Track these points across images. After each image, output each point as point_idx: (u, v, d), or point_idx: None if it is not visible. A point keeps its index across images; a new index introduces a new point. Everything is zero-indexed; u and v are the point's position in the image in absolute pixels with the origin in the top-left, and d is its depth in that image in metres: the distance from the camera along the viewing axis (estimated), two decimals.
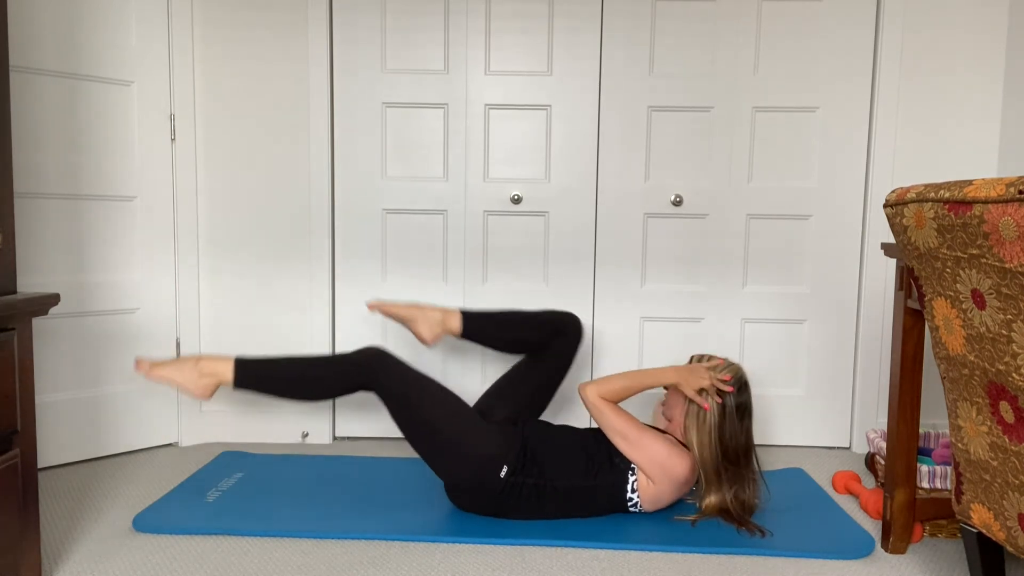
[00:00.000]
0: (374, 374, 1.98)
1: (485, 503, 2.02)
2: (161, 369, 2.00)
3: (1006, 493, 1.36)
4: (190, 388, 2.00)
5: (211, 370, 2.00)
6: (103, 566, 1.77)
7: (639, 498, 2.02)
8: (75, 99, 2.41)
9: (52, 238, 2.40)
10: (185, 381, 1.99)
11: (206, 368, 2.00)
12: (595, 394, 2.03)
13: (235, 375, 1.99)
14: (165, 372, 1.99)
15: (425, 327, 2.25)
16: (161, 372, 1.99)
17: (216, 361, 2.01)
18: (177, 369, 2.00)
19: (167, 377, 1.99)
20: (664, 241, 2.72)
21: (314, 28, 2.62)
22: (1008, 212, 1.16)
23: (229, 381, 2.00)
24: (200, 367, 2.00)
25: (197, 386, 2.00)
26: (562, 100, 2.68)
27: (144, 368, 1.99)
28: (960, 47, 2.62)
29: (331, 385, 2.01)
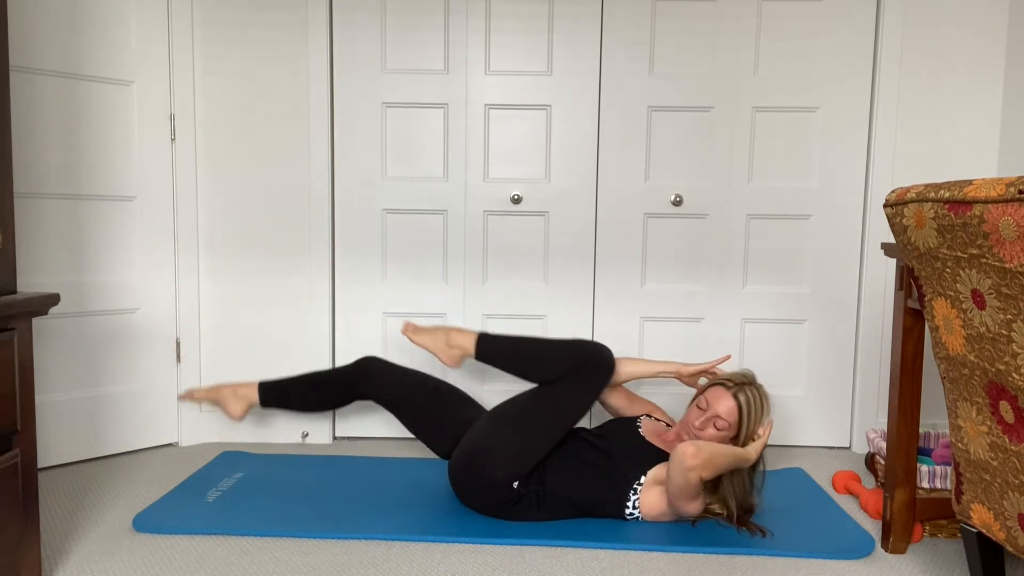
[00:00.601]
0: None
1: (490, 506, 2.03)
2: (421, 335, 2.25)
3: (1006, 493, 1.36)
4: (440, 355, 2.23)
5: (457, 342, 2.22)
6: (103, 566, 1.77)
7: (640, 513, 2.02)
8: (75, 99, 2.41)
9: (52, 238, 2.40)
10: (436, 347, 2.24)
11: (454, 339, 2.22)
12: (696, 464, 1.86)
13: (476, 346, 2.21)
14: (422, 339, 2.25)
15: (443, 352, 2.25)
16: (421, 338, 2.25)
17: (463, 335, 2.23)
18: (432, 337, 2.24)
19: (423, 343, 2.25)
20: (664, 241, 2.72)
21: (314, 28, 2.62)
22: (1008, 212, 1.16)
23: (472, 353, 2.21)
24: (449, 338, 2.23)
25: (447, 355, 2.23)
26: (562, 100, 2.68)
27: (409, 331, 2.25)
28: (960, 47, 2.62)
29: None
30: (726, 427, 2.03)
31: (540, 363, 2.12)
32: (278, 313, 2.73)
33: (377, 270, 2.75)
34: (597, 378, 2.11)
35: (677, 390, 2.75)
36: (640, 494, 2.00)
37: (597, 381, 2.11)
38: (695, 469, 1.85)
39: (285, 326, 2.74)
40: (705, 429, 2.04)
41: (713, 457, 1.88)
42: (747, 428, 2.03)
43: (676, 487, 1.90)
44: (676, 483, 1.89)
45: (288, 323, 2.73)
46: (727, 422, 2.02)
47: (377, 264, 2.74)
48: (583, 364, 2.10)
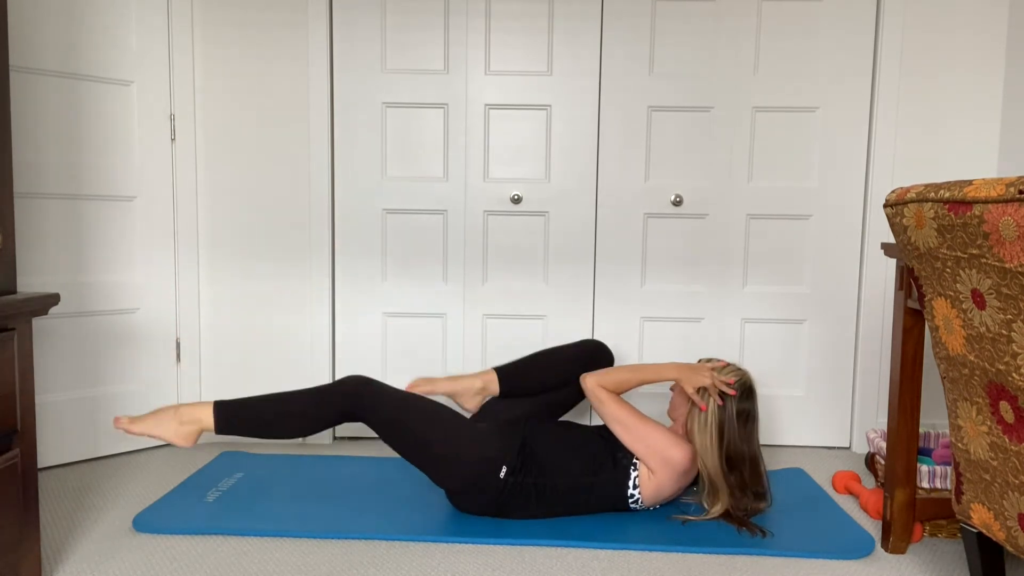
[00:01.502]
0: (357, 402, 1.95)
1: (486, 504, 2.02)
2: (140, 424, 1.94)
3: (1006, 493, 1.36)
4: (172, 439, 1.95)
5: (191, 417, 1.95)
6: (103, 566, 1.77)
7: (640, 494, 2.02)
8: (75, 99, 2.41)
9: (52, 238, 2.40)
10: (165, 432, 1.94)
11: (186, 416, 1.95)
12: (595, 383, 2.06)
13: (216, 420, 1.95)
14: (144, 427, 1.94)
15: (467, 399, 2.28)
16: (141, 427, 1.94)
17: (195, 407, 1.96)
18: (156, 422, 1.95)
19: (147, 431, 1.94)
20: (664, 241, 2.72)
21: (314, 28, 2.62)
22: (1008, 212, 1.16)
23: (211, 427, 1.95)
24: (180, 415, 1.94)
25: (179, 435, 1.95)
26: (562, 100, 2.68)
27: (123, 424, 1.93)
28: (960, 47, 2.62)
29: (315, 419, 1.97)
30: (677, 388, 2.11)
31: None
32: (278, 313, 2.73)
33: (377, 270, 2.75)
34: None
35: None
36: (639, 472, 2.01)
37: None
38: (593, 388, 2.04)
39: (285, 326, 2.74)
40: (675, 406, 2.12)
41: (606, 373, 2.06)
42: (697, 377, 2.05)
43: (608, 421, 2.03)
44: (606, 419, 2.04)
45: (288, 323, 2.73)
46: (674, 392, 2.13)
47: (377, 264, 2.74)
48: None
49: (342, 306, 2.76)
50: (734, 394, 2.00)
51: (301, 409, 1.96)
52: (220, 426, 1.96)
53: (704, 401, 2.00)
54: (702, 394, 2.01)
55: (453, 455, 1.95)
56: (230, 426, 1.97)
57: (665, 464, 1.98)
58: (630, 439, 2.00)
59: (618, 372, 2.07)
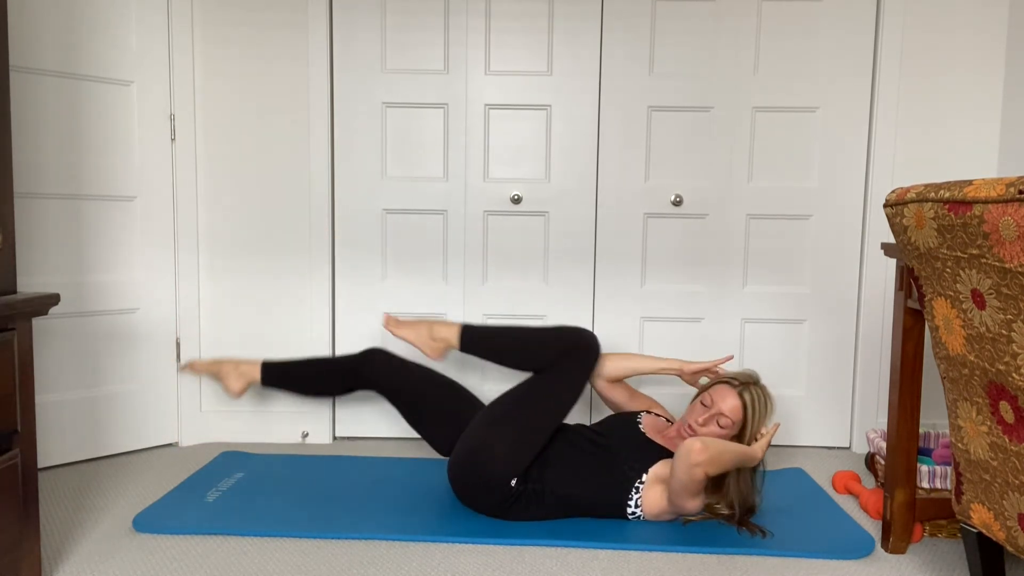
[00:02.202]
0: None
1: (490, 505, 2.03)
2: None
3: (1006, 493, 1.36)
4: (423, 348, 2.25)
5: (441, 335, 2.24)
6: (103, 566, 1.77)
7: (641, 512, 2.02)
8: (75, 99, 2.41)
9: (52, 238, 2.40)
10: (418, 339, 2.26)
11: (437, 332, 2.24)
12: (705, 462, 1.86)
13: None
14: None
15: (426, 345, 2.26)
16: (403, 331, 2.27)
17: (443, 326, 2.25)
18: (412, 329, 2.27)
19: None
20: (664, 241, 2.72)
21: (314, 28, 2.62)
22: (1008, 212, 1.16)
23: (456, 344, 2.23)
24: (433, 331, 2.25)
25: (431, 348, 2.25)
26: (562, 100, 2.68)
27: (391, 324, 2.27)
28: (960, 47, 2.62)
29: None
30: (729, 425, 2.03)
31: (525, 352, 2.15)
32: (278, 313, 2.73)
33: (377, 270, 2.75)
34: (584, 362, 2.13)
35: (678, 390, 2.75)
36: (642, 492, 2.00)
37: (585, 365, 2.13)
38: (701, 465, 1.85)
39: (285, 326, 2.74)
40: (707, 426, 2.04)
41: (720, 454, 1.87)
42: (751, 427, 2.03)
43: (680, 483, 1.90)
44: (680, 479, 1.89)
45: (288, 323, 2.73)
46: (730, 420, 2.02)
47: (377, 264, 2.75)
48: (569, 350, 2.12)
49: (342, 306, 2.76)
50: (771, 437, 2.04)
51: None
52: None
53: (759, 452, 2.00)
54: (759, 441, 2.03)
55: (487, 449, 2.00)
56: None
57: (675, 507, 2.00)
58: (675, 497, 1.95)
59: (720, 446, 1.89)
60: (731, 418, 2.02)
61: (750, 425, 2.03)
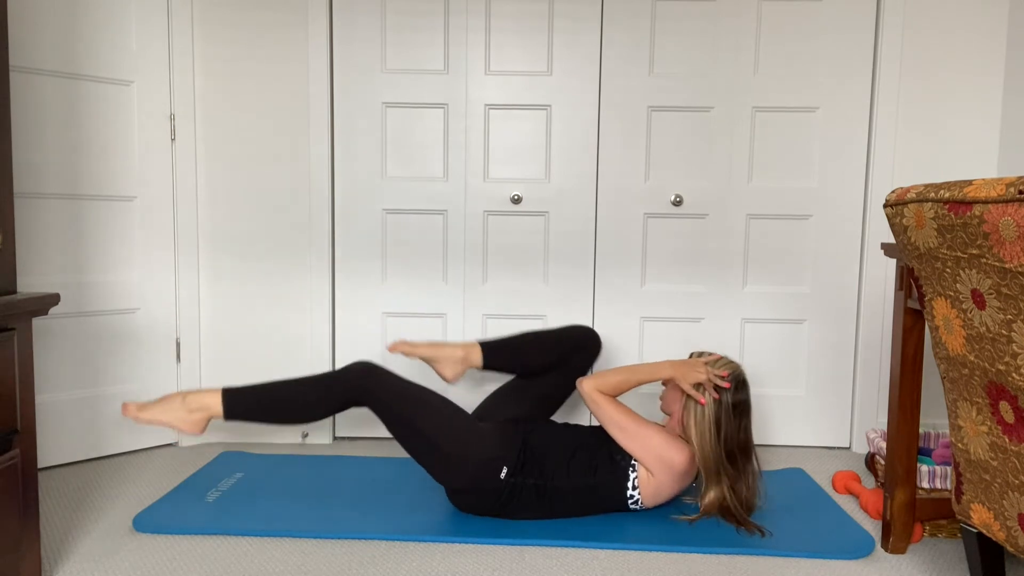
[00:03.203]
0: (365, 390, 1.96)
1: (486, 504, 2.02)
2: (148, 411, 1.96)
3: (1006, 493, 1.36)
4: (180, 426, 1.96)
5: (199, 404, 1.95)
6: (103, 566, 1.77)
7: (640, 495, 2.02)
8: (75, 99, 2.41)
9: (52, 238, 2.40)
10: (174, 419, 1.95)
11: (193, 403, 1.95)
12: (592, 387, 2.06)
13: (224, 406, 1.96)
14: (152, 414, 1.96)
15: (447, 366, 2.23)
16: (149, 414, 1.95)
17: (203, 394, 1.96)
18: (164, 409, 1.96)
19: (155, 419, 1.96)
20: (664, 241, 2.72)
21: (314, 28, 2.62)
22: (1008, 212, 1.16)
23: (219, 413, 1.96)
24: (187, 403, 1.95)
25: (187, 423, 1.96)
26: (562, 100, 2.68)
27: (131, 412, 1.95)
28: (960, 47, 2.62)
29: (323, 405, 1.98)
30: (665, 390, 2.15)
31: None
32: (278, 313, 2.73)
33: (377, 270, 2.75)
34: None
35: None
36: (638, 470, 2.01)
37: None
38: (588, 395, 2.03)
39: (285, 326, 2.74)
40: (669, 401, 2.13)
41: (602, 375, 2.05)
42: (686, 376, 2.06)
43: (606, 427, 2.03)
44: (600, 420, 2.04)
45: (288, 323, 2.73)
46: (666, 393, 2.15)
47: (377, 264, 2.74)
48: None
49: (342, 306, 2.76)
50: (728, 386, 2.00)
51: (308, 395, 1.97)
52: (228, 412, 1.96)
53: (701, 396, 2.00)
54: (699, 389, 2.01)
55: (455, 451, 1.95)
56: (237, 412, 1.97)
57: (664, 465, 1.99)
58: (628, 442, 2.00)
59: (614, 374, 2.07)
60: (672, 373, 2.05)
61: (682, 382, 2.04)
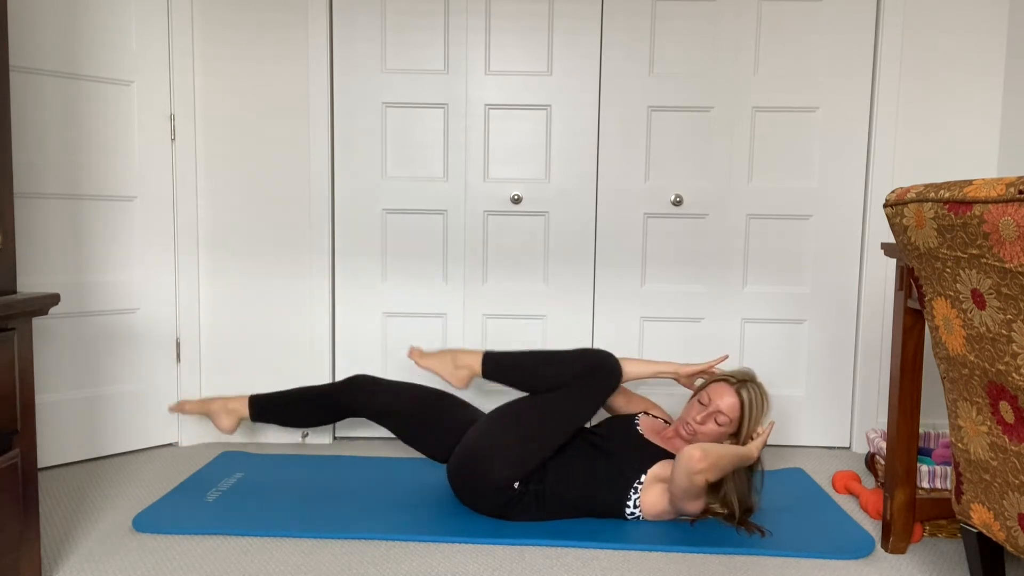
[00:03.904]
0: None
1: (491, 506, 2.03)
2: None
3: (1006, 493, 1.36)
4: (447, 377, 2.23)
5: (465, 362, 2.21)
6: (103, 566, 1.77)
7: (641, 512, 2.02)
8: (75, 99, 2.41)
9: (52, 238, 2.40)
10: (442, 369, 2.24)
11: (461, 359, 2.22)
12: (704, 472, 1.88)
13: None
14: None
15: (450, 374, 2.23)
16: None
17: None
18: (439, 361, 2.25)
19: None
20: (664, 241, 2.72)
21: (314, 28, 2.62)
22: (1008, 212, 1.16)
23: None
24: (456, 359, 2.23)
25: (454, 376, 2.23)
26: (562, 100, 2.68)
27: (415, 355, 2.26)
28: (960, 47, 2.62)
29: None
30: (727, 423, 2.03)
31: (548, 376, 2.10)
32: (278, 313, 2.73)
33: (377, 270, 2.75)
34: (604, 385, 2.10)
35: (676, 390, 2.74)
36: (641, 493, 2.00)
37: (604, 387, 2.10)
38: (702, 473, 1.86)
39: (285, 326, 2.74)
40: (706, 424, 2.04)
41: (719, 459, 1.88)
42: (748, 425, 2.03)
43: (681, 489, 1.91)
44: (681, 485, 1.90)
45: (288, 323, 2.73)
46: (728, 418, 2.03)
47: (377, 264, 2.74)
48: (590, 372, 2.09)
49: (342, 306, 2.76)
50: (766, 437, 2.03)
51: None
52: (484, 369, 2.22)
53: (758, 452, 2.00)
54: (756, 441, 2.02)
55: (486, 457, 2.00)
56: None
57: (676, 509, 2.01)
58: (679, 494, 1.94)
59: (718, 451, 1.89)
60: (729, 416, 2.03)
61: (747, 422, 2.03)
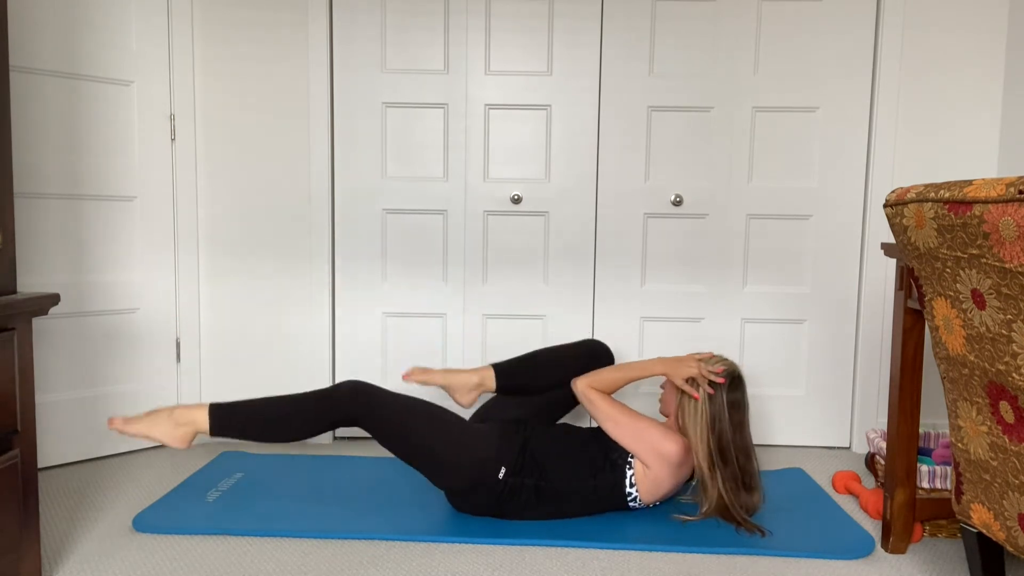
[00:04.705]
0: (353, 408, 1.93)
1: (486, 504, 2.02)
2: (135, 425, 1.92)
3: (1006, 493, 1.36)
4: (167, 440, 1.93)
5: (186, 419, 1.93)
6: (103, 566, 1.77)
7: (638, 492, 2.02)
8: (75, 99, 2.41)
9: (52, 238, 2.40)
10: (161, 434, 1.92)
11: (181, 417, 1.93)
12: (585, 385, 2.09)
13: (210, 422, 1.94)
14: (140, 427, 1.92)
15: (462, 394, 2.22)
16: (136, 428, 1.92)
17: (190, 409, 1.94)
18: (151, 423, 1.93)
19: (142, 432, 1.92)
20: (664, 241, 2.72)
21: (314, 28, 2.62)
22: (1008, 212, 1.16)
23: (205, 429, 1.94)
24: (175, 417, 1.93)
25: (174, 437, 1.93)
26: (562, 100, 2.68)
27: (117, 425, 1.91)
28: (960, 47, 2.62)
29: (309, 424, 1.94)
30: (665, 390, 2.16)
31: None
32: (278, 313, 2.73)
33: (377, 270, 2.75)
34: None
35: None
36: (634, 468, 2.02)
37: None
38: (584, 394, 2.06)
39: (285, 325, 2.73)
40: (666, 401, 2.14)
41: (598, 373, 2.09)
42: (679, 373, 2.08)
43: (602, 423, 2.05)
44: (597, 417, 2.06)
45: (288, 322, 2.73)
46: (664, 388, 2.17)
47: (377, 264, 2.74)
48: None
49: (342, 306, 2.76)
50: (723, 382, 2.00)
51: (296, 414, 1.94)
52: (214, 429, 1.94)
53: (695, 391, 2.00)
54: (692, 384, 2.02)
55: (454, 457, 1.95)
56: (224, 429, 1.95)
57: (659, 457, 1.99)
58: (622, 435, 2.02)
59: (607, 372, 2.10)
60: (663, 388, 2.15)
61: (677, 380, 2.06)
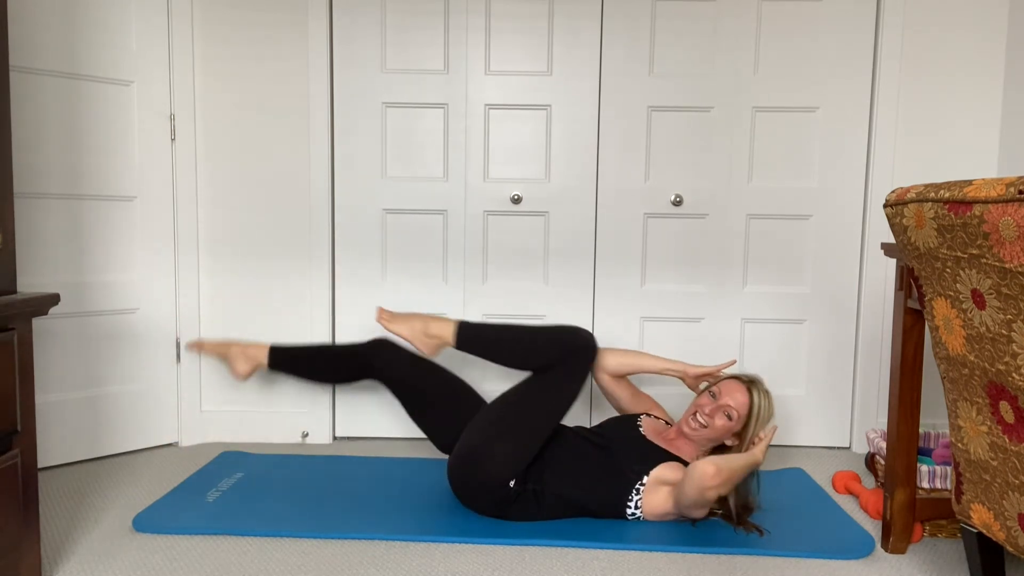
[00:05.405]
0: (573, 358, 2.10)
1: (489, 506, 2.03)
2: (397, 321, 2.25)
3: (1006, 493, 1.36)
4: (416, 342, 2.22)
5: (437, 331, 2.21)
6: (103, 566, 1.77)
7: (642, 513, 2.02)
8: (75, 99, 2.41)
9: (52, 238, 2.40)
10: (411, 335, 2.23)
11: (433, 328, 2.22)
12: (716, 473, 1.87)
13: (457, 338, 2.20)
14: (398, 326, 2.24)
15: (420, 341, 2.23)
16: (396, 326, 2.24)
17: (441, 323, 2.22)
18: (408, 323, 2.24)
19: (396, 328, 2.24)
20: (664, 241, 2.72)
21: (314, 28, 2.62)
22: (1008, 212, 1.16)
23: (452, 343, 2.21)
24: (428, 328, 2.22)
25: (423, 343, 2.22)
26: (562, 100, 2.68)
27: (385, 317, 2.23)
28: (960, 47, 2.62)
29: (536, 356, 2.12)
30: (736, 418, 2.04)
31: (522, 351, 2.13)
32: (278, 313, 2.73)
33: (377, 270, 2.75)
34: (583, 363, 2.12)
35: (680, 390, 2.74)
36: (643, 495, 2.00)
37: (583, 366, 2.12)
38: (715, 488, 1.87)
39: (285, 326, 2.73)
40: (715, 416, 2.05)
41: (732, 473, 1.90)
42: (754, 426, 2.04)
43: (690, 500, 1.91)
44: (691, 497, 1.90)
45: (288, 323, 2.73)
46: (738, 413, 2.04)
47: (377, 264, 2.74)
48: (568, 350, 2.11)
49: (342, 305, 2.76)
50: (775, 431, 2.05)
51: (527, 343, 2.13)
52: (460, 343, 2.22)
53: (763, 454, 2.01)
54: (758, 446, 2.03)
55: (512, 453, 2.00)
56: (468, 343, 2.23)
57: (682, 513, 2.00)
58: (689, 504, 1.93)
59: (731, 464, 1.90)
60: (738, 411, 2.04)
61: (753, 423, 2.04)
